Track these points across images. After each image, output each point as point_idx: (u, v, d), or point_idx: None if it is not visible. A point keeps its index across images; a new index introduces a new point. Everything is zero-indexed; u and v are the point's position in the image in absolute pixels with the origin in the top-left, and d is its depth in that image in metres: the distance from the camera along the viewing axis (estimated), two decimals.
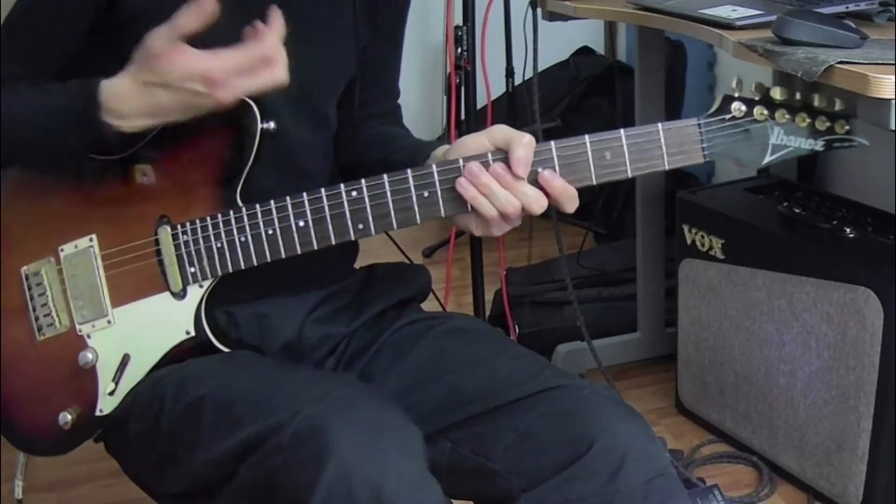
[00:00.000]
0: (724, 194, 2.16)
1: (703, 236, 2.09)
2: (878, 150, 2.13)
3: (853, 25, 1.47)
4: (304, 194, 1.15)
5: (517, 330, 2.48)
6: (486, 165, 1.11)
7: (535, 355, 1.27)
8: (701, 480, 2.01)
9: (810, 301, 1.88)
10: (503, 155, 1.11)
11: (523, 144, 1.10)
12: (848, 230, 1.88)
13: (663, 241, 2.40)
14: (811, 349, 1.90)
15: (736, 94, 1.11)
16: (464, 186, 1.11)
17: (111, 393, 1.21)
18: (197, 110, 1.11)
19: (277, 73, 1.10)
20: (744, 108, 1.11)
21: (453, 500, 1.28)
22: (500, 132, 1.13)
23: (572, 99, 3.34)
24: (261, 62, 1.09)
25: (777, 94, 1.10)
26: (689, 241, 2.13)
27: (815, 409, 1.92)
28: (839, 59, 1.35)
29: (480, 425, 1.19)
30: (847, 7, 1.58)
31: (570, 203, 1.13)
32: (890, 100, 1.30)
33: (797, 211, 1.98)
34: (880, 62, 1.34)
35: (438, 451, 1.20)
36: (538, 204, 1.12)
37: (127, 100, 1.11)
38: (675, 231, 2.17)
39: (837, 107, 1.10)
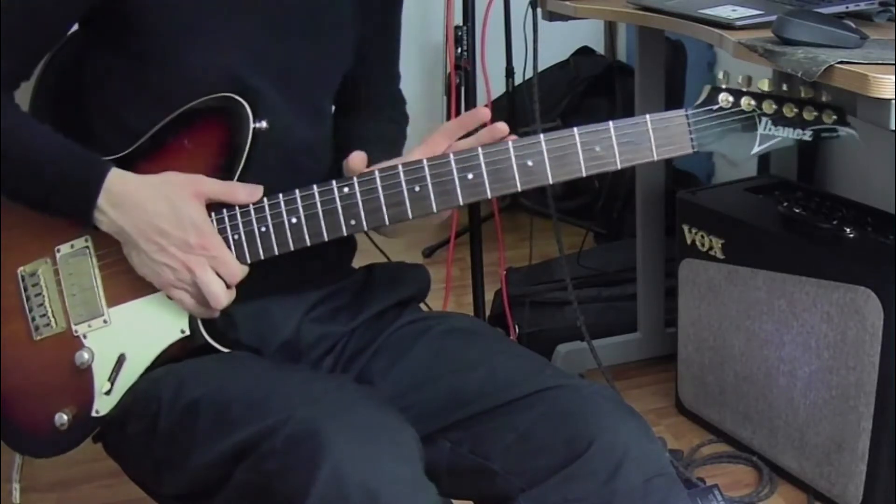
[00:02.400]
0: (724, 194, 2.16)
1: (703, 236, 2.09)
2: (878, 150, 2.14)
3: (853, 25, 1.47)
4: (297, 191, 1.16)
5: (517, 330, 2.47)
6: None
7: (534, 355, 1.27)
8: (701, 480, 2.01)
9: (810, 301, 1.88)
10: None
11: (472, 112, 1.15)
12: (848, 230, 1.88)
13: (663, 241, 2.40)
14: (811, 349, 1.90)
15: (723, 86, 1.12)
16: None
17: (107, 393, 1.20)
18: (162, 253, 1.15)
19: (224, 297, 1.16)
20: (731, 98, 1.12)
21: (453, 501, 1.28)
22: (447, 124, 1.17)
23: (572, 99, 3.34)
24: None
25: (764, 85, 1.12)
26: (689, 241, 2.13)
27: (815, 409, 1.92)
28: (839, 59, 1.35)
29: (480, 425, 1.19)
30: (847, 7, 1.58)
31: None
32: (890, 100, 1.30)
33: (797, 211, 1.98)
34: (880, 62, 1.34)
35: (437, 451, 1.20)
36: None
37: (130, 193, 1.15)
38: (675, 231, 2.17)
39: (824, 97, 1.11)
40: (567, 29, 2.31)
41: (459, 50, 2.32)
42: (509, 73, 3.13)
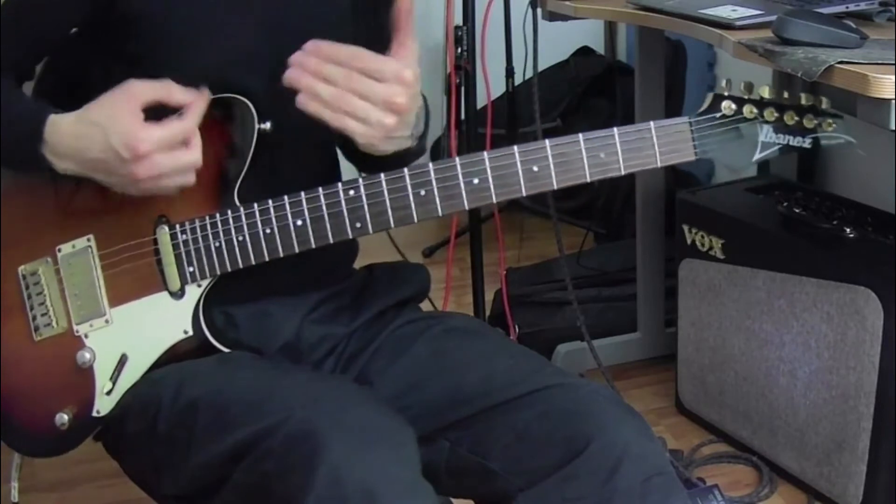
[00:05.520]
0: (724, 194, 2.16)
1: (703, 236, 2.09)
2: (878, 150, 2.14)
3: (853, 25, 1.47)
4: (302, 193, 1.16)
5: (517, 330, 2.47)
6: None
7: (533, 354, 1.27)
8: (701, 480, 2.01)
9: (810, 301, 1.88)
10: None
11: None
12: (848, 230, 1.87)
13: (663, 241, 2.40)
14: (811, 349, 1.90)
15: (726, 93, 1.13)
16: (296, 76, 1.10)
17: (108, 393, 1.21)
18: (115, 178, 1.12)
19: (194, 155, 1.12)
20: (734, 106, 1.13)
21: (452, 500, 1.28)
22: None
23: (572, 99, 3.34)
24: (182, 143, 1.12)
25: (766, 92, 1.13)
26: (689, 241, 2.12)
27: (815, 409, 1.92)
28: (839, 59, 1.35)
29: (478, 424, 1.19)
30: (847, 7, 1.58)
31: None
32: (890, 100, 1.30)
33: (797, 211, 1.98)
34: (880, 62, 1.34)
35: (436, 450, 1.20)
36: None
37: (64, 138, 1.13)
38: (675, 231, 2.17)
39: (824, 105, 1.12)
40: (567, 29, 2.31)
41: (459, 50, 2.31)
42: (509, 73, 3.12)
